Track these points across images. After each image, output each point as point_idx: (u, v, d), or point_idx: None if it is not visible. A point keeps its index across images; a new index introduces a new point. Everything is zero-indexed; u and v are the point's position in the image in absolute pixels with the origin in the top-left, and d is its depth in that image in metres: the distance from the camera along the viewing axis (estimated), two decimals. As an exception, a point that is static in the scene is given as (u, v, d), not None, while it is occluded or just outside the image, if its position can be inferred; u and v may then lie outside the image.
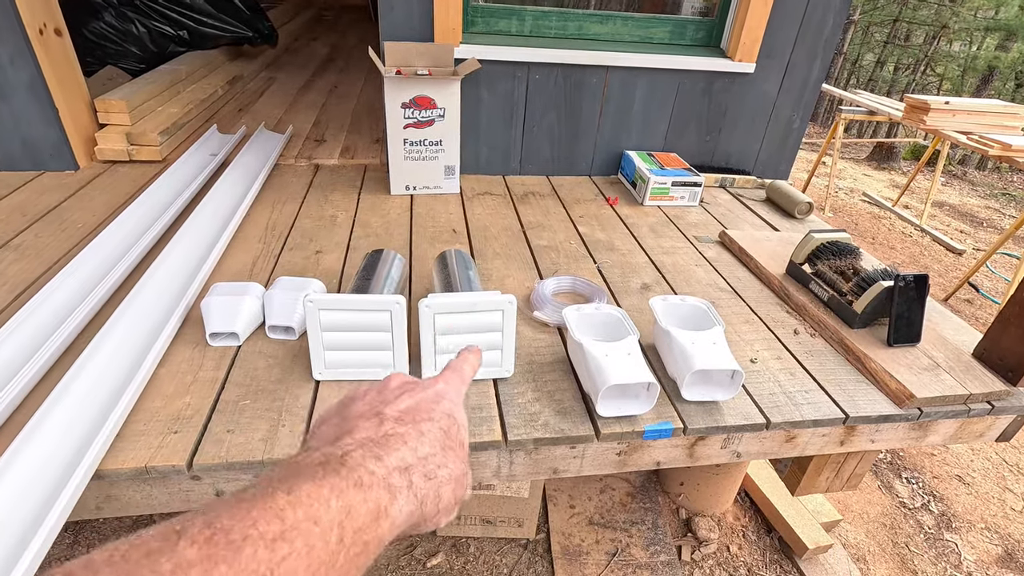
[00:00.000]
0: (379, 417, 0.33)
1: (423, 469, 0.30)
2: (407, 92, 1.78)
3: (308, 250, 1.57)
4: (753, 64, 2.09)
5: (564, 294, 1.46)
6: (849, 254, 1.49)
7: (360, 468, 0.28)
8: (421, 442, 0.32)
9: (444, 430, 0.34)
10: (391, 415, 0.33)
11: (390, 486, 0.28)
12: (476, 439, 1.01)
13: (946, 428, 1.27)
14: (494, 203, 1.96)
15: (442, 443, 0.33)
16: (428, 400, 0.36)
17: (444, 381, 0.39)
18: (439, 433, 0.33)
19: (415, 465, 0.30)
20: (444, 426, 0.34)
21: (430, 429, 0.33)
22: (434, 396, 0.36)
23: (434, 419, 0.34)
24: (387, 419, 0.33)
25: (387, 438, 0.31)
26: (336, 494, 0.26)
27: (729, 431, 1.11)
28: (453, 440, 0.34)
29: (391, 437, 0.31)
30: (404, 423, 0.33)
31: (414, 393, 0.36)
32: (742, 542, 1.91)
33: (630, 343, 1.11)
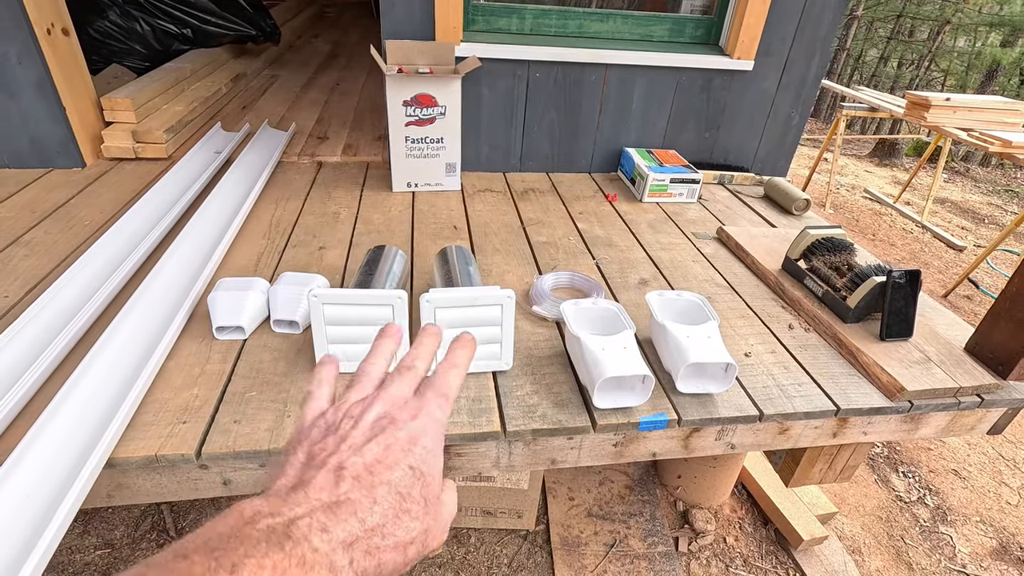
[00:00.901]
0: (339, 473, 0.31)
1: (367, 543, 0.29)
2: (409, 90, 1.80)
3: (311, 246, 1.60)
4: (752, 61, 2.11)
5: (562, 289, 1.49)
6: (844, 250, 1.52)
7: (304, 543, 0.27)
8: (372, 512, 0.30)
9: (402, 493, 0.31)
10: (351, 472, 0.31)
11: (332, 564, 0.27)
12: (476, 430, 1.04)
13: (937, 421, 1.29)
14: (494, 200, 1.98)
15: (396, 508, 0.31)
16: (399, 447, 0.33)
17: (424, 412, 0.36)
18: (394, 499, 0.31)
19: (361, 539, 0.29)
20: (403, 488, 0.32)
21: (385, 496, 0.31)
22: (407, 440, 0.33)
23: (393, 480, 0.32)
24: (345, 478, 0.31)
25: (339, 505, 0.29)
26: (278, 573, 0.25)
27: (723, 423, 1.14)
28: (412, 500, 0.32)
29: (343, 504, 0.29)
30: (361, 485, 0.31)
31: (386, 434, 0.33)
32: (739, 534, 1.94)
33: (626, 337, 1.14)
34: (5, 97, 1.81)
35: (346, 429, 0.34)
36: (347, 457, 0.32)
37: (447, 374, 0.39)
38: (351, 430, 0.34)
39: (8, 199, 1.73)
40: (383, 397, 0.36)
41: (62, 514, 0.80)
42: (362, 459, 0.32)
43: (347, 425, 0.34)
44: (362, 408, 0.35)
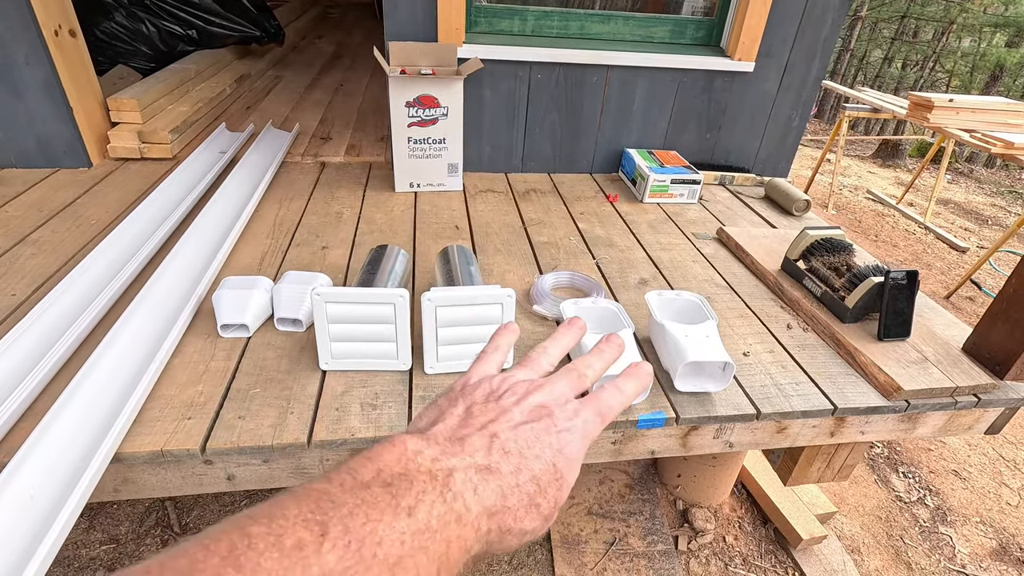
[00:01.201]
0: (492, 440, 0.31)
1: (502, 520, 0.29)
2: (411, 91, 1.82)
3: (315, 246, 1.62)
4: (752, 63, 2.12)
5: (563, 289, 1.50)
6: (843, 250, 1.53)
7: (460, 500, 0.27)
8: (513, 493, 0.29)
9: (541, 486, 0.31)
10: (503, 444, 0.31)
11: (478, 528, 0.27)
12: (475, 427, 1.05)
13: (934, 420, 1.30)
14: (496, 200, 2.00)
15: (531, 499, 0.30)
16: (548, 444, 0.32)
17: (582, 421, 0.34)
18: (533, 488, 0.30)
19: (499, 513, 0.28)
20: (544, 481, 0.31)
21: (526, 482, 0.30)
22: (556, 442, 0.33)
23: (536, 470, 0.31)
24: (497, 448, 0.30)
25: (489, 471, 0.29)
26: (442, 526, 0.25)
27: (721, 421, 1.15)
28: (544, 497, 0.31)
29: (492, 472, 0.29)
30: (509, 461, 0.30)
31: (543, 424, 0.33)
32: (738, 533, 1.95)
33: (625, 336, 1.15)
34: (12, 98, 1.83)
35: (508, 403, 0.34)
36: (503, 430, 0.32)
37: (613, 395, 0.38)
38: (513, 406, 0.33)
39: (16, 198, 1.75)
40: (548, 389, 0.35)
41: (68, 510, 0.81)
42: (515, 437, 0.32)
43: (510, 399, 0.34)
44: (527, 389, 0.35)
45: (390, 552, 0.23)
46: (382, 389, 1.12)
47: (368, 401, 1.09)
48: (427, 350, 1.14)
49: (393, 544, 0.23)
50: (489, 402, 0.34)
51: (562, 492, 0.33)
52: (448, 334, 1.13)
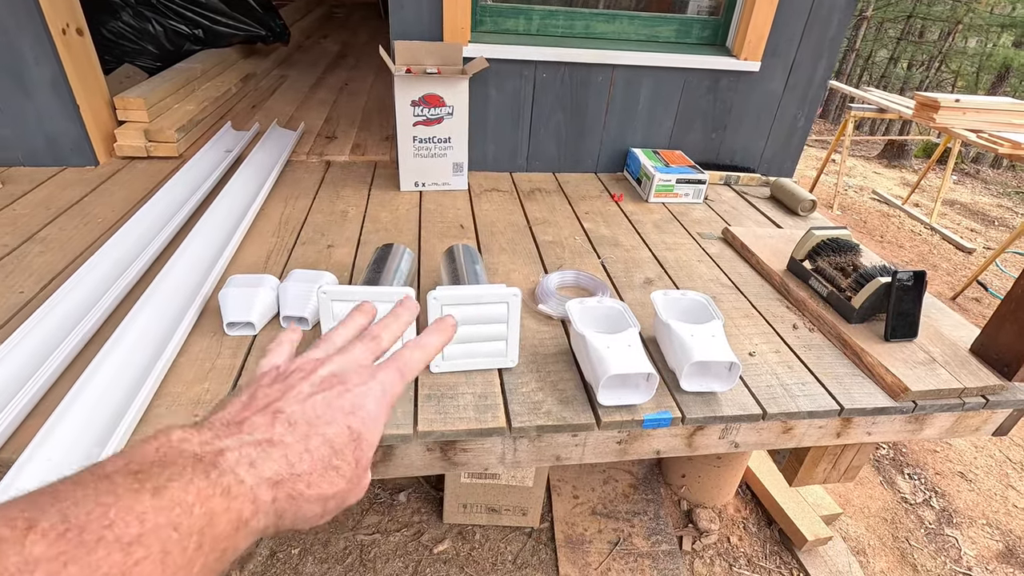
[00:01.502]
0: (275, 416, 0.31)
1: (291, 487, 0.29)
2: (417, 90, 1.82)
3: (320, 244, 1.62)
4: (758, 63, 2.11)
5: (568, 288, 1.50)
6: (849, 251, 1.52)
7: (231, 474, 0.27)
8: (302, 459, 0.30)
9: (335, 449, 0.32)
10: (288, 417, 0.31)
11: (255, 499, 0.27)
12: (482, 425, 1.05)
13: (942, 421, 1.29)
14: (501, 199, 2.00)
15: (326, 463, 0.31)
16: (340, 408, 0.33)
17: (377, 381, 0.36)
18: (326, 452, 0.31)
19: (286, 481, 0.29)
20: (338, 444, 0.32)
21: (318, 447, 0.31)
22: (349, 405, 0.34)
23: (328, 434, 0.32)
24: (280, 421, 0.31)
25: (271, 444, 0.29)
26: (201, 500, 0.25)
27: (726, 421, 1.15)
28: (343, 458, 0.32)
29: (275, 445, 0.30)
30: (296, 431, 0.31)
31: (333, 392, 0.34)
32: (743, 533, 1.95)
33: (631, 335, 1.15)
34: (21, 96, 1.84)
35: (295, 379, 0.34)
36: (288, 405, 0.32)
37: (413, 352, 0.39)
38: (300, 381, 0.34)
39: (23, 196, 1.76)
40: (339, 359, 0.36)
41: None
42: (302, 408, 0.32)
43: (297, 376, 0.34)
44: (315, 365, 0.36)
45: (124, 532, 0.22)
46: (388, 387, 1.12)
47: (374, 399, 1.09)
48: (433, 349, 1.13)
49: (129, 524, 0.23)
50: (275, 383, 0.34)
51: (363, 451, 0.33)
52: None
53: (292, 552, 1.73)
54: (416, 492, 1.96)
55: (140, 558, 0.22)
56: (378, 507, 1.89)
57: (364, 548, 1.76)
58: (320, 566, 1.70)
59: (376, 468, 1.12)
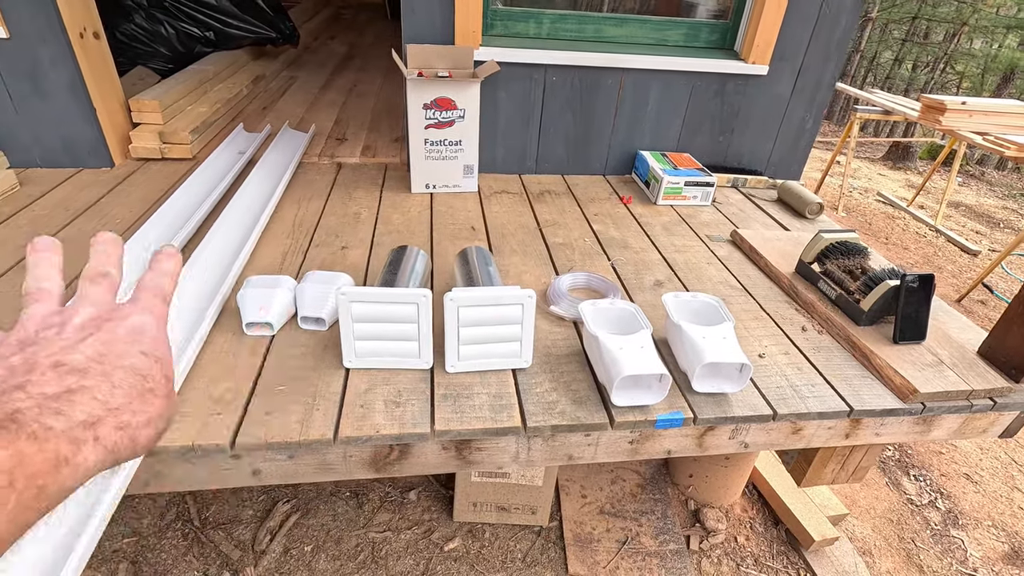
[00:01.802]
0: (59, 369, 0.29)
1: (115, 421, 0.29)
2: (428, 94, 1.84)
3: (334, 246, 1.64)
4: (766, 66, 2.13)
5: (579, 290, 1.52)
6: (858, 254, 1.54)
7: (34, 423, 0.26)
8: (113, 394, 0.30)
9: (143, 375, 0.31)
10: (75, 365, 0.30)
11: (74, 439, 0.27)
12: (497, 425, 1.07)
13: (949, 423, 1.31)
14: (511, 201, 2.02)
15: (140, 388, 0.31)
16: (123, 339, 0.33)
17: (143, 310, 0.35)
18: (135, 379, 0.31)
19: (104, 417, 0.28)
20: (143, 370, 0.32)
21: (124, 378, 0.31)
22: (129, 334, 0.33)
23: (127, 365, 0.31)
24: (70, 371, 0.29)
25: (71, 393, 0.28)
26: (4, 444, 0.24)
27: (737, 422, 1.17)
28: (154, 380, 0.32)
29: (75, 392, 0.28)
30: (91, 374, 0.30)
31: (103, 331, 0.32)
32: (749, 533, 1.96)
33: (643, 336, 1.17)
34: (38, 99, 1.87)
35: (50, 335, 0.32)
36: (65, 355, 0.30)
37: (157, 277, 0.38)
38: (56, 335, 0.32)
39: (42, 197, 1.79)
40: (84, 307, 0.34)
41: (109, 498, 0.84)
42: (81, 354, 0.31)
43: (51, 332, 0.32)
44: (63, 318, 0.33)
45: None
46: (405, 387, 1.14)
47: (391, 399, 1.11)
48: (448, 349, 1.16)
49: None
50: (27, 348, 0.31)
51: (167, 368, 0.34)
52: (470, 334, 1.15)
53: (305, 549, 1.75)
54: (426, 491, 1.99)
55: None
56: (389, 505, 1.92)
57: (376, 546, 1.78)
58: (333, 563, 1.72)
59: (393, 466, 1.14)
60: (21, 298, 0.35)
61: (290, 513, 1.80)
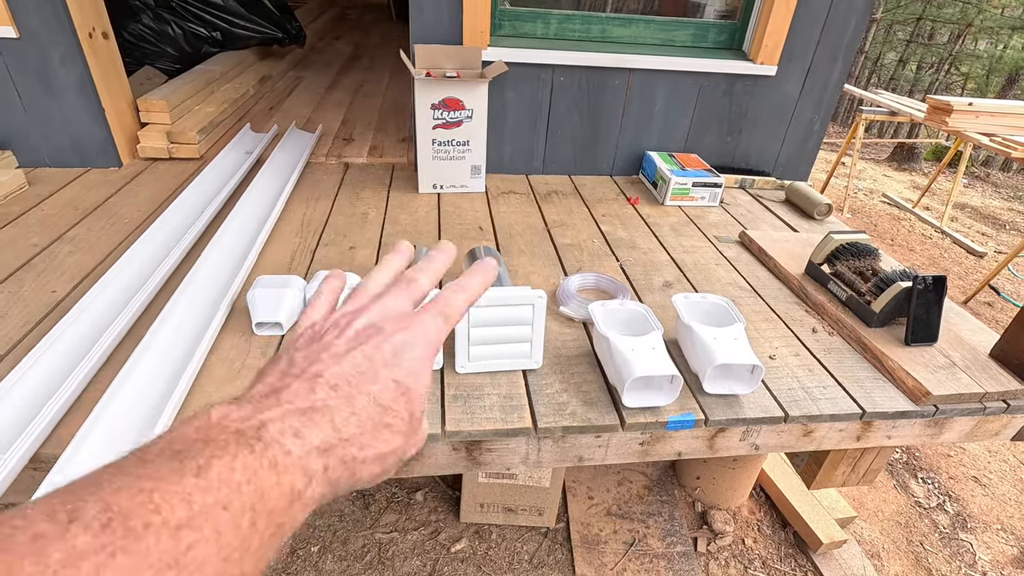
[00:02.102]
0: (314, 381, 0.29)
1: (342, 452, 0.28)
2: (436, 94, 1.84)
3: (342, 246, 1.64)
4: (775, 67, 2.12)
5: (588, 290, 1.51)
6: (868, 255, 1.53)
7: (276, 446, 0.26)
8: (349, 421, 0.29)
9: (383, 406, 0.30)
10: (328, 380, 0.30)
11: (306, 469, 0.26)
12: (508, 426, 1.07)
13: (961, 426, 1.30)
14: (518, 202, 2.01)
15: (376, 421, 0.30)
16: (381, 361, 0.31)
17: (414, 326, 0.33)
18: (375, 410, 0.30)
19: (335, 447, 0.28)
20: (385, 400, 0.30)
21: (365, 406, 0.30)
22: (391, 353, 0.32)
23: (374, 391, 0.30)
24: (321, 386, 0.29)
25: (313, 411, 0.28)
26: (248, 476, 0.24)
27: (748, 423, 1.16)
28: (394, 415, 0.30)
29: (318, 411, 0.28)
30: (339, 393, 0.29)
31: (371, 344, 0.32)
32: (757, 536, 1.95)
33: (654, 338, 1.16)
34: (48, 99, 1.87)
35: (330, 338, 0.32)
36: (326, 366, 0.30)
37: (453, 295, 0.36)
38: (335, 339, 0.32)
39: (50, 197, 1.79)
40: (375, 308, 0.34)
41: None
42: (340, 368, 0.30)
43: (332, 334, 0.33)
44: (351, 318, 0.33)
45: (172, 516, 0.21)
46: (415, 388, 1.14)
47: (401, 399, 1.11)
48: (459, 350, 1.15)
49: (176, 507, 0.21)
50: (312, 344, 0.32)
51: (414, 403, 0.32)
52: (480, 334, 1.15)
53: (312, 550, 1.75)
54: (433, 491, 1.98)
55: (192, 542, 0.21)
56: (395, 506, 1.91)
57: (382, 546, 1.78)
58: (340, 563, 1.72)
59: (402, 467, 1.14)
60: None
61: (297, 513, 1.80)
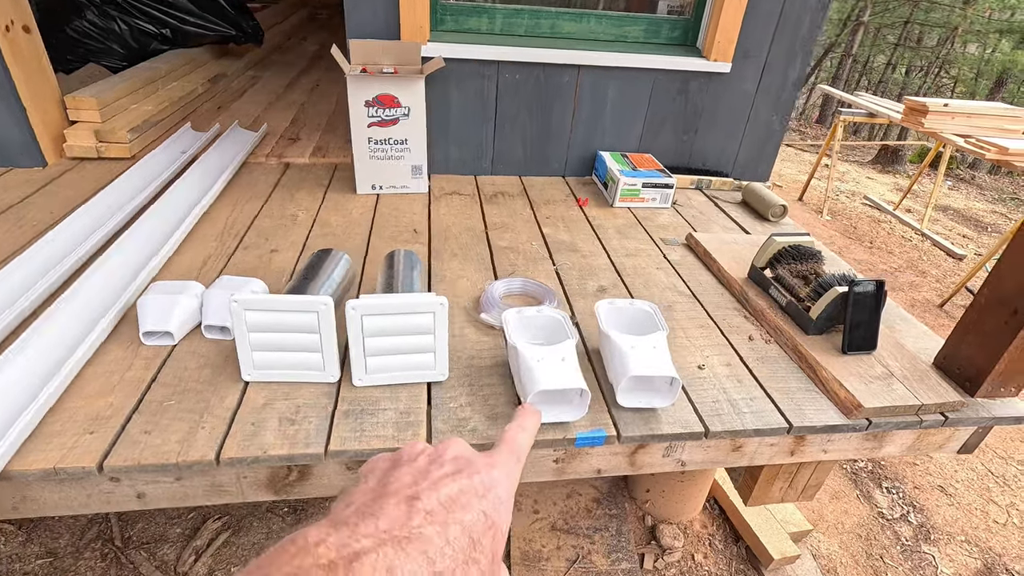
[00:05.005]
0: (411, 504, 0.29)
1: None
2: (370, 90, 1.76)
3: (263, 249, 1.56)
4: (729, 64, 2.05)
5: (515, 296, 1.44)
6: (811, 258, 1.46)
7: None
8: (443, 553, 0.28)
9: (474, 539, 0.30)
10: (425, 506, 0.29)
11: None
12: (398, 444, 0.99)
13: (902, 439, 1.23)
14: (461, 203, 1.93)
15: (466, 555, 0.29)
16: (473, 491, 0.31)
17: (499, 464, 0.34)
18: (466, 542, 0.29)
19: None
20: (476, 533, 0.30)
21: (457, 537, 0.29)
22: (481, 487, 0.32)
23: (466, 522, 0.30)
24: (418, 511, 0.29)
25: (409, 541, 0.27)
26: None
27: (667, 439, 1.08)
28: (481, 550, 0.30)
29: (413, 540, 0.27)
30: (434, 520, 0.29)
31: (462, 476, 0.32)
32: (708, 551, 1.88)
33: (566, 347, 1.08)
34: (-37, 95, 1.79)
35: (423, 463, 0.32)
36: (424, 491, 0.30)
37: (519, 434, 0.38)
38: (428, 465, 0.32)
39: (-39, 198, 1.70)
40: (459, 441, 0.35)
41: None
42: (437, 494, 0.30)
43: (424, 460, 0.33)
44: (442, 450, 0.34)
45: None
46: (305, 402, 1.06)
47: (288, 415, 1.03)
48: (355, 361, 1.07)
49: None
50: (402, 467, 0.32)
51: (498, 542, 0.31)
52: (377, 344, 1.06)
53: (232, 570, 1.66)
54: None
55: None
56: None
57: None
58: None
59: (293, 487, 1.05)
60: None
61: (220, 531, 1.71)
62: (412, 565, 0.26)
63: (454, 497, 0.30)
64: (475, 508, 0.30)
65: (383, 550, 0.26)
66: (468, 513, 0.29)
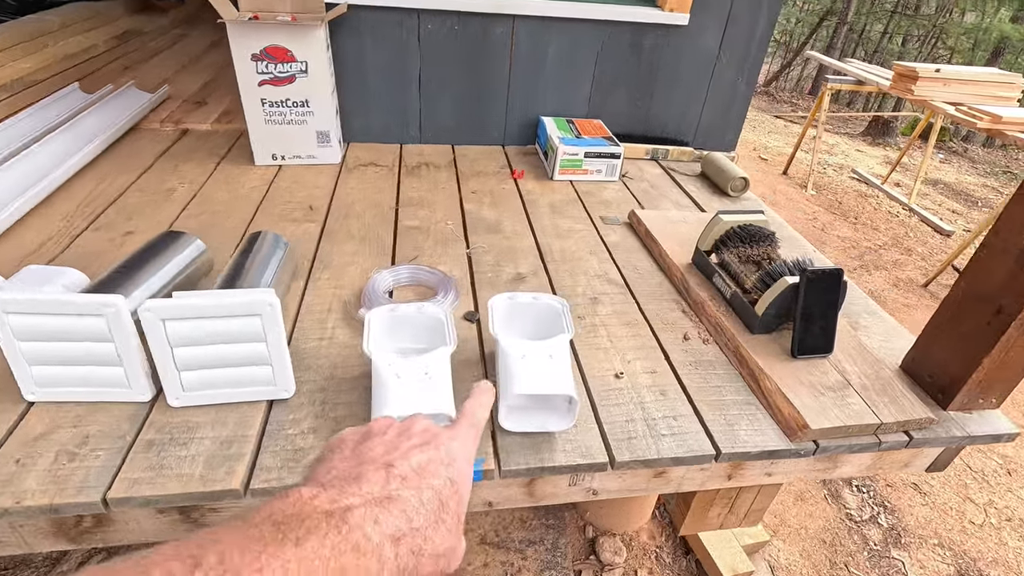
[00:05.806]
0: (388, 471, 0.32)
1: (411, 542, 0.30)
2: (256, 41, 1.49)
3: (118, 230, 1.31)
4: (687, 15, 1.79)
5: (404, 287, 1.20)
6: (763, 241, 1.23)
7: (358, 531, 0.28)
8: (418, 512, 0.31)
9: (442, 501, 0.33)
10: (399, 471, 0.33)
11: (381, 556, 0.28)
12: (205, 488, 0.76)
13: (860, 459, 1.02)
14: (376, 176, 1.68)
15: (436, 515, 0.32)
16: (440, 460, 0.35)
17: (460, 438, 0.38)
18: (436, 504, 0.32)
19: (406, 536, 0.30)
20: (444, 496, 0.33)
21: (430, 499, 0.32)
22: (447, 457, 0.35)
23: (435, 486, 0.33)
24: (394, 476, 0.32)
25: (389, 500, 0.31)
26: (335, 554, 0.26)
27: (563, 472, 0.87)
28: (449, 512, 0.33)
29: (393, 500, 0.31)
30: (409, 484, 0.32)
31: (429, 447, 0.35)
32: (654, 565, 1.69)
33: (436, 358, 0.86)
34: None
35: (392, 436, 0.36)
36: (396, 458, 0.34)
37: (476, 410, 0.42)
38: (398, 437, 0.36)
39: None
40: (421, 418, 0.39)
41: None
42: (409, 462, 0.34)
43: (392, 433, 0.37)
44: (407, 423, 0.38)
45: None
46: (100, 430, 0.83)
47: (71, 447, 0.80)
48: (165, 376, 0.84)
49: (275, 570, 0.24)
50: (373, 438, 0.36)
51: (461, 506, 0.34)
52: (191, 355, 0.83)
53: None
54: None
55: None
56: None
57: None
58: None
59: (95, 535, 0.83)
60: None
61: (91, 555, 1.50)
62: (394, 520, 0.30)
63: (424, 465, 0.34)
64: (442, 475, 0.34)
65: (369, 507, 0.29)
66: (436, 479, 0.33)
